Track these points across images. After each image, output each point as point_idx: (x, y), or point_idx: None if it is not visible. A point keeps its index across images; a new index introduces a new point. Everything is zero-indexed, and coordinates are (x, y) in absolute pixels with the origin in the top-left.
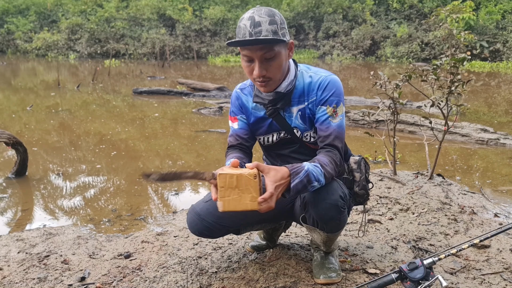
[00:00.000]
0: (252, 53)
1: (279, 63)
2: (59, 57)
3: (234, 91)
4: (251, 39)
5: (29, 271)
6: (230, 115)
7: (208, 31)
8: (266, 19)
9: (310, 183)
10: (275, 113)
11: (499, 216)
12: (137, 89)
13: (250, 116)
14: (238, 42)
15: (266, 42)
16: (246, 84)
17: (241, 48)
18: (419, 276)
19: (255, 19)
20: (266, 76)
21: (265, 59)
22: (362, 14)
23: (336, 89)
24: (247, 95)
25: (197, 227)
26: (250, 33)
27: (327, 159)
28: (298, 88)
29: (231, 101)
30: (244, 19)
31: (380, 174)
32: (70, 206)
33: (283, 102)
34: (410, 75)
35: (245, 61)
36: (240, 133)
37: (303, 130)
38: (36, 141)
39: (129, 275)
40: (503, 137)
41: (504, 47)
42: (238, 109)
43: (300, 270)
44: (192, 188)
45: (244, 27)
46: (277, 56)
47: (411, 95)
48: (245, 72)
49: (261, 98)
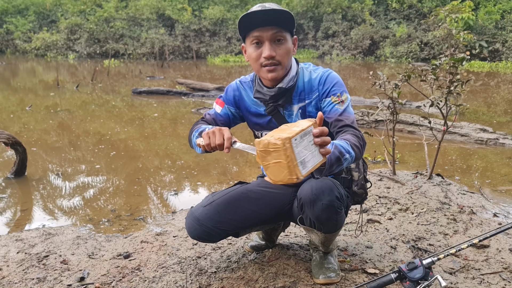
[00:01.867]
0: (263, 33)
1: (287, 49)
2: (58, 57)
3: (235, 81)
4: (265, 10)
5: (28, 271)
6: (219, 98)
7: (207, 31)
8: (276, 6)
9: (342, 155)
10: (274, 110)
11: (498, 216)
12: (136, 89)
13: (249, 109)
14: (251, 14)
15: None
16: (248, 79)
17: (251, 32)
18: (418, 276)
19: (265, 6)
20: (275, 59)
21: (274, 41)
22: (361, 14)
23: (337, 81)
24: (247, 90)
25: (196, 232)
26: (262, 10)
27: (348, 135)
28: (299, 86)
29: (228, 89)
30: (252, 8)
31: (380, 174)
32: (69, 206)
33: (285, 99)
34: (409, 75)
35: (253, 46)
36: (219, 119)
37: None
38: (35, 141)
39: (128, 275)
40: (502, 137)
41: (503, 47)
42: (231, 99)
43: (299, 270)
44: (192, 188)
45: (255, 10)
46: (286, 41)
47: (410, 95)
48: (252, 60)
49: (263, 94)
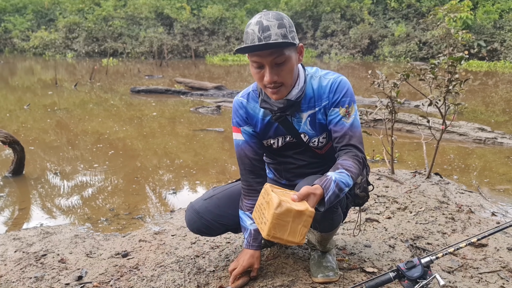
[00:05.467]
0: (262, 58)
1: (290, 67)
2: (57, 56)
3: (235, 100)
4: (261, 44)
5: (26, 270)
6: (234, 125)
7: (206, 30)
8: (274, 23)
9: (341, 191)
10: (281, 117)
11: (497, 215)
12: (135, 88)
13: (259, 122)
14: (248, 48)
15: (276, 46)
16: (249, 90)
17: (250, 54)
18: (417, 275)
19: (263, 24)
20: (278, 82)
21: (275, 64)
22: (360, 13)
23: (347, 89)
24: (252, 102)
25: (196, 225)
26: (259, 38)
27: (349, 161)
28: (307, 94)
29: (233, 111)
30: (251, 24)
31: (378, 173)
32: (67, 205)
33: (293, 109)
34: (408, 74)
35: (254, 68)
36: (247, 150)
37: (311, 136)
38: (33, 140)
39: (127, 274)
40: (501, 136)
41: (501, 47)
42: (242, 119)
43: (298, 269)
44: (190, 187)
45: (252, 32)
46: (288, 60)
47: (409, 94)
48: (255, 79)
49: (270, 104)
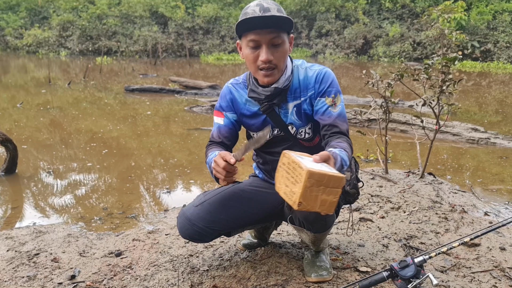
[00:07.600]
0: (261, 36)
1: (284, 51)
2: (50, 54)
3: (226, 85)
4: (265, 16)
5: (18, 270)
6: (217, 109)
7: (201, 29)
8: (274, 7)
9: (341, 168)
10: (269, 109)
11: (489, 215)
12: (129, 87)
13: (243, 111)
14: (251, 20)
15: (280, 22)
16: (239, 80)
17: (249, 33)
18: (410, 274)
19: (263, 5)
20: (272, 63)
21: (272, 45)
22: (354, 13)
23: (332, 80)
24: (240, 90)
25: (188, 232)
26: (261, 16)
27: (344, 143)
28: (293, 84)
29: (221, 95)
30: (250, 6)
31: (372, 173)
32: (61, 204)
33: (280, 98)
34: (402, 74)
35: (250, 48)
36: (224, 131)
37: (298, 126)
38: (26, 139)
39: (120, 273)
40: (494, 137)
41: (495, 47)
42: (228, 104)
43: (292, 268)
44: (184, 186)
45: (253, 11)
46: (283, 44)
47: (403, 94)
48: (248, 62)
49: (257, 93)
